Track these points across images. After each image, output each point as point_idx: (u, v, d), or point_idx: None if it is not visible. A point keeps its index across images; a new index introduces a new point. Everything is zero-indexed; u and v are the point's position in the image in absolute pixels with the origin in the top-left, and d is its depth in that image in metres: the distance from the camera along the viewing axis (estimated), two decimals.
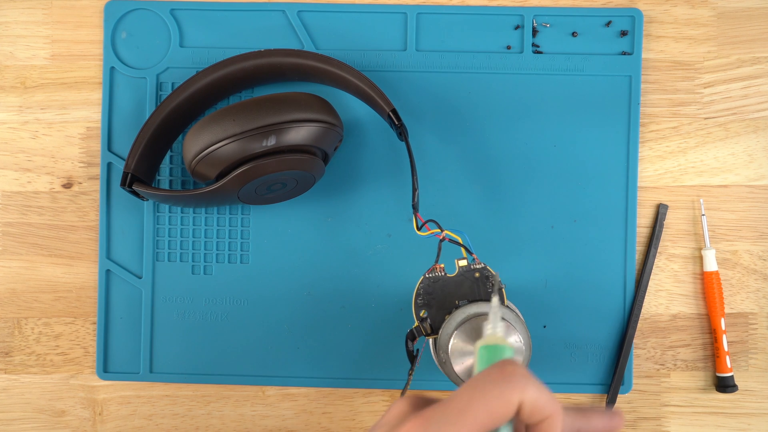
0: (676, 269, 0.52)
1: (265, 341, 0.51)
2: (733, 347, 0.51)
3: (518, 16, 0.51)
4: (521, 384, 0.27)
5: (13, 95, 0.52)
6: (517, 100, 0.51)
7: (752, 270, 0.51)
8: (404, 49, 0.51)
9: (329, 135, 0.45)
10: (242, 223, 0.51)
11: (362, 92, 0.48)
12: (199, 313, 0.51)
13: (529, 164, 0.51)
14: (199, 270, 0.51)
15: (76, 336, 0.52)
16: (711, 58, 0.52)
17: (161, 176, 0.52)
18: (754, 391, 0.51)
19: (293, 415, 0.52)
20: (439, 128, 0.51)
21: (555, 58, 0.51)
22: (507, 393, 0.26)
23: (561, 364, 0.51)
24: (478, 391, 0.26)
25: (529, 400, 0.27)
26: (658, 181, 0.51)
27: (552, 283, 0.51)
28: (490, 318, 0.31)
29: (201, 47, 0.51)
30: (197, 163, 0.44)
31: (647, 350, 0.51)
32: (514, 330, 0.40)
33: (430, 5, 0.51)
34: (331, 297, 0.51)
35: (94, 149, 0.52)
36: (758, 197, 0.51)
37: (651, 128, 0.51)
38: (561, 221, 0.51)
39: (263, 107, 0.43)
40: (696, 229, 0.52)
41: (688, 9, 0.51)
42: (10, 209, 0.52)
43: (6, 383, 0.52)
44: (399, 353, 0.51)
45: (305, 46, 0.51)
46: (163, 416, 0.52)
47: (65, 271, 0.52)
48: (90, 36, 0.52)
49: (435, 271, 0.42)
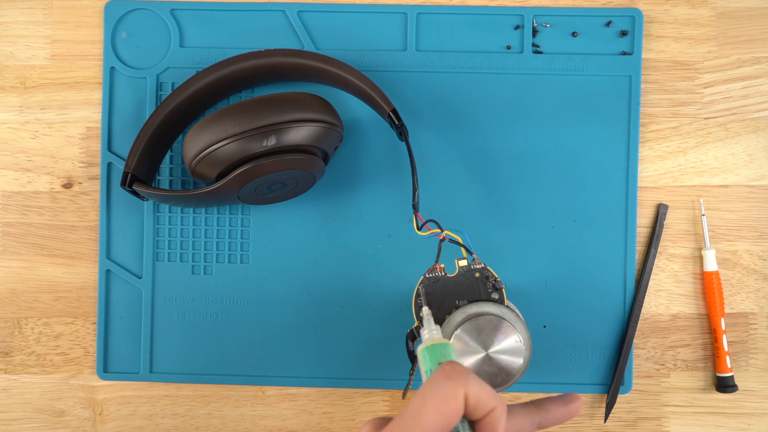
0: (676, 269, 0.52)
1: (265, 341, 0.51)
2: (733, 347, 0.51)
3: (518, 16, 0.51)
4: (462, 379, 0.29)
5: (13, 95, 0.52)
6: (517, 100, 0.51)
7: (752, 270, 0.51)
8: (404, 49, 0.51)
9: (329, 135, 0.46)
10: (242, 223, 0.51)
11: (362, 92, 0.48)
12: (199, 313, 0.51)
13: (529, 164, 0.51)
14: (199, 270, 0.51)
15: (76, 336, 0.52)
16: (711, 58, 0.52)
17: (161, 176, 0.52)
18: (754, 391, 0.51)
19: (293, 415, 0.52)
20: (439, 128, 0.51)
21: (555, 58, 0.51)
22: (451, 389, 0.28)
23: (561, 364, 0.51)
24: (427, 395, 0.28)
25: (472, 393, 0.28)
26: (658, 181, 0.51)
27: (552, 283, 0.51)
28: (424, 324, 0.35)
29: (201, 47, 0.51)
30: (197, 163, 0.44)
31: (647, 350, 0.51)
32: (514, 330, 0.40)
33: (430, 5, 0.51)
34: (331, 297, 0.51)
35: (94, 149, 0.52)
36: (758, 197, 0.51)
37: (651, 128, 0.51)
38: (561, 221, 0.51)
39: (263, 107, 0.43)
40: (696, 229, 0.52)
41: (688, 9, 0.51)
42: (10, 209, 0.52)
43: (6, 383, 0.52)
44: (399, 353, 0.51)
45: (305, 46, 0.51)
46: (163, 416, 0.52)
47: (65, 271, 0.52)
48: (90, 36, 0.52)
49: (435, 271, 0.42)
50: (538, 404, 0.34)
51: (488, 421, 0.29)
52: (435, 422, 0.28)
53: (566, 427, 0.52)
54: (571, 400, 0.34)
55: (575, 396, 0.35)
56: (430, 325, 0.35)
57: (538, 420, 0.34)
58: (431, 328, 0.35)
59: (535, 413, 0.34)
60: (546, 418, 0.34)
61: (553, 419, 0.34)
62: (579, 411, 0.35)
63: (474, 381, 0.29)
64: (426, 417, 0.28)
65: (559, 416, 0.34)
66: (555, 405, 0.34)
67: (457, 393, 0.28)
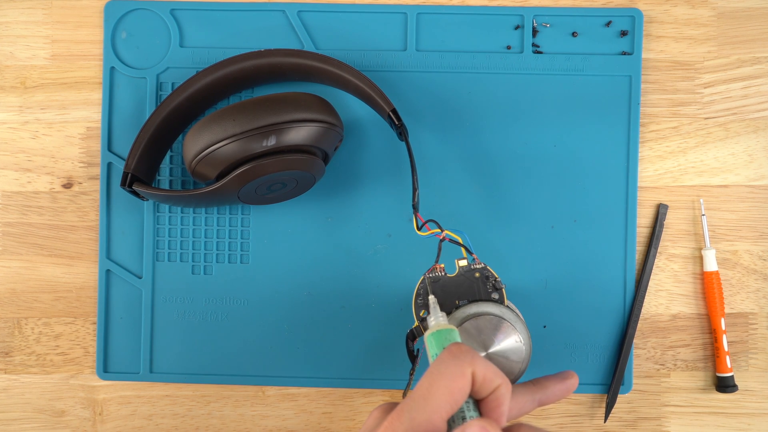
0: (676, 269, 0.52)
1: (265, 341, 0.51)
2: (733, 347, 0.51)
3: (518, 16, 0.51)
4: (469, 357, 0.30)
5: (13, 95, 0.52)
6: (517, 100, 0.51)
7: (752, 270, 0.51)
8: (404, 49, 0.51)
9: (329, 135, 0.46)
10: (242, 223, 0.51)
11: (362, 92, 0.48)
12: (199, 313, 0.51)
13: (529, 164, 0.51)
14: (199, 270, 0.51)
15: (76, 336, 0.52)
16: (711, 58, 0.52)
17: (161, 176, 0.52)
18: (754, 391, 0.51)
19: (293, 415, 0.52)
20: (439, 128, 0.51)
21: (555, 58, 0.51)
22: (459, 367, 0.29)
23: (561, 364, 0.51)
24: (435, 374, 0.30)
25: (479, 371, 0.30)
26: (658, 181, 0.51)
27: (552, 283, 0.51)
28: (430, 311, 0.36)
29: (201, 47, 0.51)
30: (197, 163, 0.44)
31: (647, 350, 0.51)
32: (514, 330, 0.40)
33: (430, 5, 0.51)
34: (331, 297, 0.51)
35: (94, 149, 0.52)
36: (758, 197, 0.51)
37: (651, 128, 0.51)
38: (561, 221, 0.51)
39: (263, 107, 0.43)
40: (696, 229, 0.52)
41: (688, 9, 0.51)
42: (10, 209, 0.52)
43: (6, 383, 0.52)
44: (399, 353, 0.51)
45: (305, 46, 0.51)
46: (163, 416, 0.52)
47: (65, 271, 0.52)
48: (90, 36, 0.52)
49: (435, 271, 0.42)
50: (537, 382, 0.36)
51: (494, 397, 0.30)
52: (444, 400, 0.29)
53: (566, 427, 0.52)
54: (567, 377, 0.37)
55: (571, 373, 0.37)
56: (436, 312, 0.36)
57: (539, 397, 0.36)
58: (437, 315, 0.36)
59: (535, 391, 0.36)
60: (545, 395, 0.36)
61: (552, 396, 0.36)
62: (575, 387, 0.37)
63: (480, 360, 0.30)
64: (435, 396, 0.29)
65: (558, 392, 0.36)
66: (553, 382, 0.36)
67: (465, 371, 0.29)
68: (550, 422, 0.52)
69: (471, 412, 0.30)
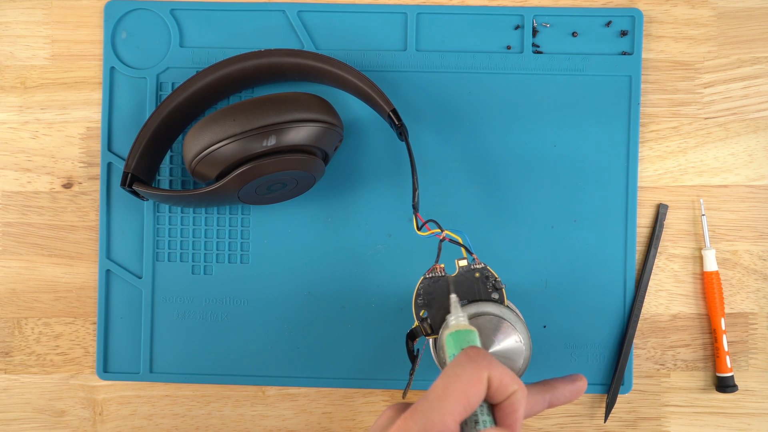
0: (676, 269, 0.52)
1: (265, 341, 0.51)
2: (733, 347, 0.51)
3: (518, 16, 0.51)
4: (486, 362, 0.30)
5: (13, 95, 0.52)
6: (517, 100, 0.51)
7: (752, 270, 0.51)
8: (404, 49, 0.51)
9: (329, 135, 0.46)
10: (242, 223, 0.51)
11: (362, 92, 0.48)
12: (199, 313, 0.51)
13: (529, 164, 0.51)
14: (199, 270, 0.51)
15: (76, 336, 0.52)
16: (711, 58, 0.52)
17: (161, 176, 0.52)
18: (754, 391, 0.51)
19: (293, 415, 0.52)
20: (439, 128, 0.51)
21: (555, 58, 0.51)
22: (475, 371, 0.29)
23: (561, 364, 0.51)
24: (451, 377, 0.29)
25: (495, 376, 0.30)
26: (658, 181, 0.51)
27: (552, 283, 0.51)
28: (451, 310, 0.36)
29: (201, 47, 0.51)
30: (197, 163, 0.44)
31: (647, 350, 0.51)
32: (514, 330, 0.40)
33: (430, 5, 0.51)
34: (331, 297, 0.51)
35: (94, 149, 0.52)
36: (758, 197, 0.51)
37: (651, 128, 0.51)
38: (561, 221, 0.51)
39: (263, 107, 0.43)
40: (696, 229, 0.52)
41: (688, 9, 0.51)
42: (10, 209, 0.52)
43: (6, 383, 0.52)
44: (399, 353, 0.51)
45: (305, 46, 0.51)
46: (163, 416, 0.52)
47: (65, 271, 0.52)
48: (90, 36, 0.52)
49: (435, 271, 0.42)
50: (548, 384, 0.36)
51: (509, 403, 0.30)
52: (458, 403, 0.29)
53: (567, 427, 0.52)
54: (576, 379, 0.37)
55: (580, 376, 0.37)
56: (456, 311, 0.36)
57: (549, 398, 0.36)
58: (458, 315, 0.35)
59: (545, 392, 0.36)
60: (555, 396, 0.36)
61: (562, 397, 0.36)
62: (584, 390, 0.37)
63: (497, 365, 0.30)
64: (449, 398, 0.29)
65: (567, 394, 0.36)
66: (563, 384, 0.36)
67: (481, 376, 0.29)
68: (550, 422, 0.52)
69: (484, 416, 0.30)
